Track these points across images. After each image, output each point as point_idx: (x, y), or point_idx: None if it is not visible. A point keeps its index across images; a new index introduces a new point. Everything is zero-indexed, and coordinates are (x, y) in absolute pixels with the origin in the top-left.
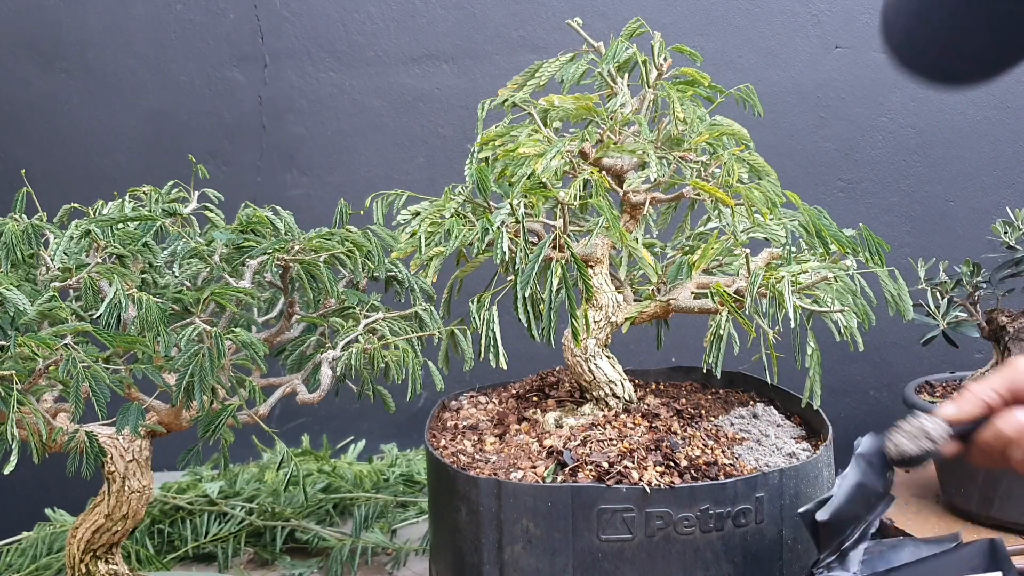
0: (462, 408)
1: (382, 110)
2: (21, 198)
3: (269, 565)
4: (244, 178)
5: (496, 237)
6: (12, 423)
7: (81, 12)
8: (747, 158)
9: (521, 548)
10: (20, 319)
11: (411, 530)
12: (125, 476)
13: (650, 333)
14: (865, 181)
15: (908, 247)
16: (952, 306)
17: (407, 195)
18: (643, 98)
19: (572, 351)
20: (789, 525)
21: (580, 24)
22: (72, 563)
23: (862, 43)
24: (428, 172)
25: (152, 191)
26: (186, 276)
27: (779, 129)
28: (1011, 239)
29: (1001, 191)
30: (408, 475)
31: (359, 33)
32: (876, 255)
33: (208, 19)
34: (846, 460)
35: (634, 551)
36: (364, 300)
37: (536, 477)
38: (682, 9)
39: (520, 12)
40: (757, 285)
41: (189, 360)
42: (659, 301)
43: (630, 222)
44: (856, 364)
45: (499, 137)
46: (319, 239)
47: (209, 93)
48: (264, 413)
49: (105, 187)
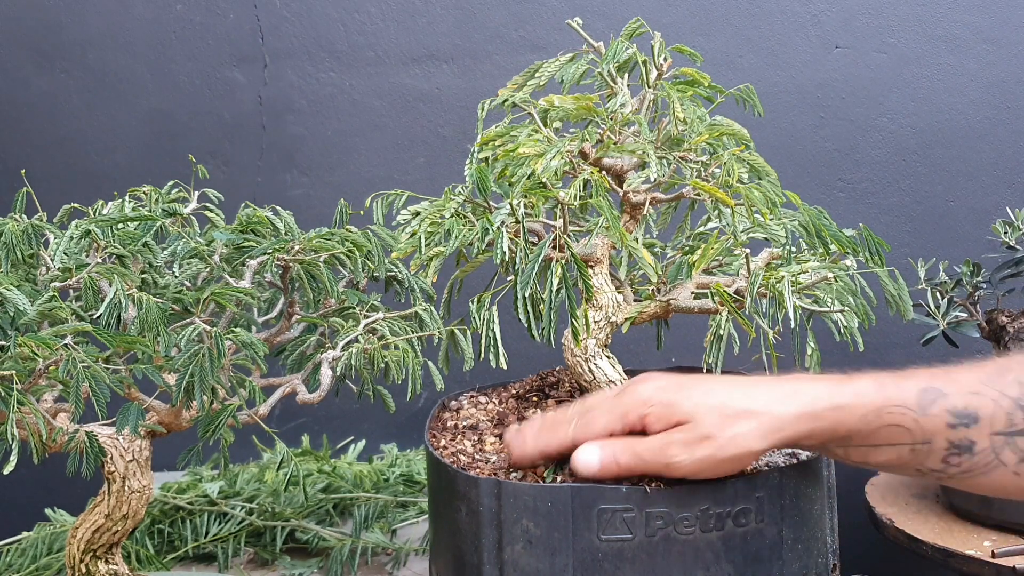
0: (462, 408)
1: (382, 110)
2: (21, 198)
3: (269, 565)
4: (244, 178)
5: (496, 237)
6: (12, 423)
7: (81, 12)
8: (747, 158)
9: (521, 548)
10: (20, 319)
11: (411, 530)
12: (125, 476)
13: (650, 333)
14: (865, 181)
15: (908, 247)
16: (952, 306)
17: (407, 195)
18: (643, 98)
19: (572, 351)
20: (789, 525)
21: (580, 24)
22: (72, 563)
23: (862, 43)
24: (428, 172)
25: (152, 191)
26: (186, 276)
27: (779, 129)
28: (1011, 239)
29: (1001, 191)
30: (408, 475)
31: (359, 33)
32: (876, 255)
33: (208, 19)
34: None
35: (634, 551)
36: (364, 300)
37: (536, 477)
38: (682, 9)
39: (520, 12)
40: (757, 285)
41: (189, 360)
42: (659, 301)
43: (630, 222)
44: (856, 364)
45: (499, 137)
46: (319, 239)
47: (209, 93)
48: (264, 413)
49: (105, 187)
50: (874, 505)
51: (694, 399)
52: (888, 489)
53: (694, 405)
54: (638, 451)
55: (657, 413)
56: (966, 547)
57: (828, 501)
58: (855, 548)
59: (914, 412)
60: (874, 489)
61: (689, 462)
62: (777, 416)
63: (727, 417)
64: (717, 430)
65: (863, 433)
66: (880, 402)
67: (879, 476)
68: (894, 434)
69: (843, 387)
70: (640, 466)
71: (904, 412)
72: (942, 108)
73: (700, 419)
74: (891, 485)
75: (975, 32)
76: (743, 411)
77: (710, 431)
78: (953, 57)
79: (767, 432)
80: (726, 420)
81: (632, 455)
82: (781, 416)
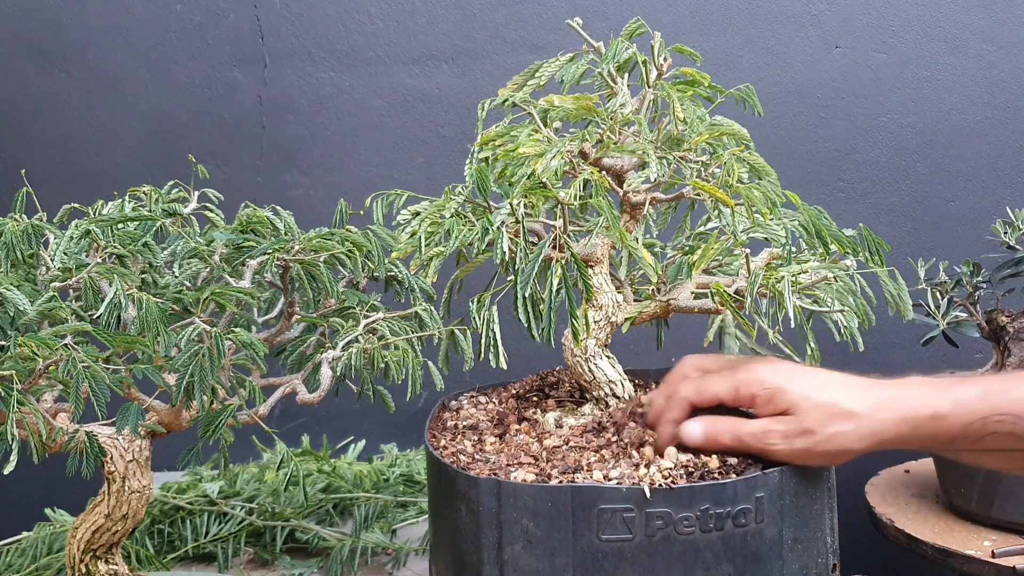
0: (462, 408)
1: (382, 110)
2: (21, 198)
3: (269, 565)
4: (244, 178)
5: (496, 237)
6: (12, 423)
7: (81, 12)
8: (747, 158)
9: (521, 548)
10: (20, 319)
11: (411, 530)
12: (125, 476)
13: (650, 333)
14: (865, 181)
15: (908, 247)
16: (952, 306)
17: (407, 195)
18: (643, 98)
19: (572, 351)
20: (789, 525)
21: (580, 24)
22: (72, 563)
23: (862, 43)
24: (428, 172)
25: (152, 191)
26: (186, 276)
27: (779, 129)
28: (1011, 239)
29: (1001, 191)
30: (408, 475)
31: (359, 33)
32: (876, 255)
33: (208, 19)
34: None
35: (634, 551)
36: (364, 300)
37: (536, 477)
38: (682, 9)
39: (520, 12)
40: (757, 285)
41: (189, 360)
42: (659, 301)
43: (630, 222)
44: (856, 364)
45: (499, 137)
46: (319, 239)
47: (209, 93)
48: (264, 413)
49: (105, 187)
50: (874, 505)
51: (803, 391)
52: (888, 489)
53: (800, 398)
54: (740, 434)
55: (766, 396)
56: (966, 547)
57: (828, 501)
58: (855, 548)
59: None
60: (874, 489)
61: (787, 451)
62: (878, 420)
63: (830, 416)
64: (818, 426)
65: (969, 439)
66: (986, 411)
67: (879, 476)
68: (1004, 441)
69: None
70: (740, 447)
71: (1014, 421)
72: (942, 108)
73: (804, 413)
74: (891, 485)
75: (975, 32)
76: (845, 412)
77: (812, 426)
78: (953, 57)
79: (865, 435)
80: (828, 418)
81: (734, 436)
82: (882, 421)
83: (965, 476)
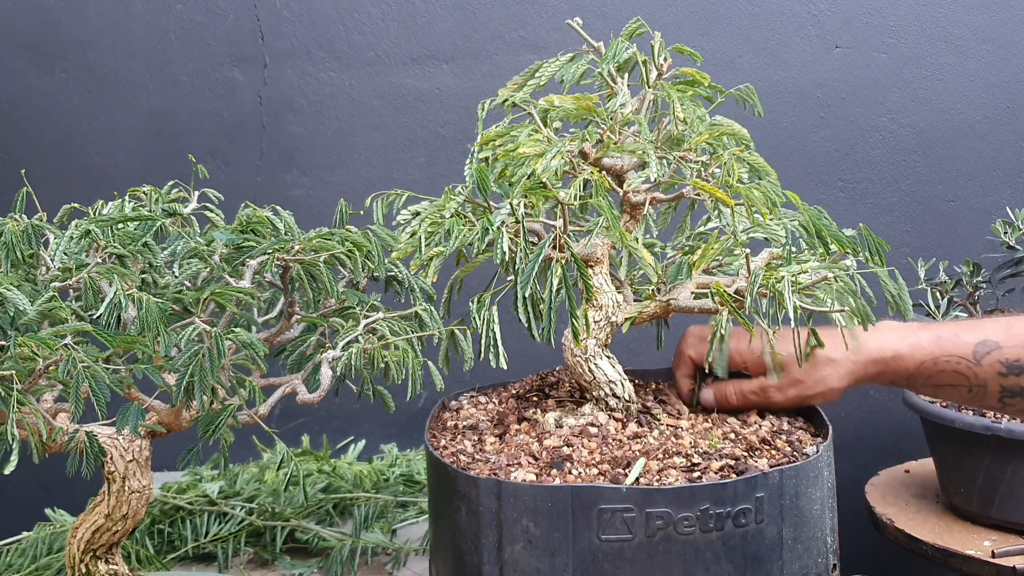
0: (462, 408)
1: (382, 110)
2: (21, 198)
3: (269, 565)
4: (244, 178)
5: (496, 237)
6: (12, 423)
7: (81, 12)
8: (747, 158)
9: (521, 548)
10: (20, 319)
11: (411, 530)
12: (125, 476)
13: (650, 333)
14: (865, 181)
15: (908, 247)
16: (952, 306)
17: (407, 195)
18: (643, 98)
19: (572, 351)
20: (789, 525)
21: (580, 24)
22: (72, 563)
23: (862, 43)
24: (428, 172)
25: (152, 191)
26: (186, 276)
27: (779, 129)
28: (1011, 239)
29: (1001, 191)
30: (408, 475)
31: (359, 33)
32: (876, 255)
33: (208, 19)
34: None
35: (634, 551)
36: (364, 300)
37: (536, 477)
38: (682, 9)
39: (520, 12)
40: (757, 285)
41: (189, 360)
42: (659, 301)
43: (630, 222)
44: None
45: (499, 137)
46: (319, 239)
47: (209, 93)
48: (264, 413)
49: (105, 187)
50: (874, 505)
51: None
52: (888, 489)
53: (788, 355)
54: (744, 392)
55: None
56: (966, 547)
57: (828, 501)
58: (855, 548)
59: (969, 361)
60: (874, 489)
61: (784, 400)
62: (853, 362)
63: (813, 364)
64: (805, 376)
65: (923, 376)
66: (937, 353)
67: (879, 476)
68: (951, 378)
69: (906, 339)
70: (746, 404)
71: (959, 361)
72: (942, 108)
73: (792, 366)
74: (891, 485)
75: (975, 32)
76: (826, 359)
77: (800, 376)
78: (953, 57)
79: (844, 375)
80: (812, 367)
81: (739, 395)
82: (856, 363)
83: (965, 476)
